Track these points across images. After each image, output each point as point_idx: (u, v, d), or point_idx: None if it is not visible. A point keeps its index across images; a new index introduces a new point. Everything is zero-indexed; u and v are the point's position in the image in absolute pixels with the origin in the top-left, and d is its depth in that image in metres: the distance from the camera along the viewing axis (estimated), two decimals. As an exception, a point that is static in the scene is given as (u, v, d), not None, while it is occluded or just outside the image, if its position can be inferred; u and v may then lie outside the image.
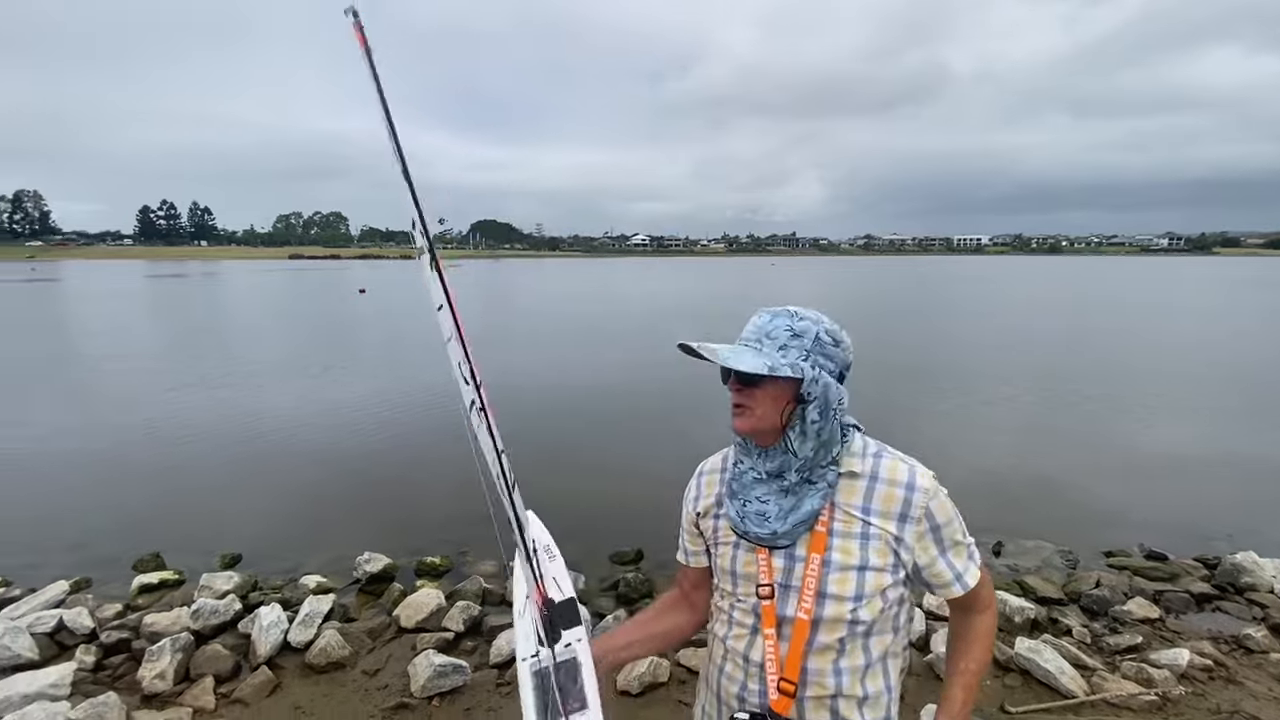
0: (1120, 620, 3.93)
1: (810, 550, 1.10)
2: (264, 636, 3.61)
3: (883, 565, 1.09)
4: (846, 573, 1.08)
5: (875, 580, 1.08)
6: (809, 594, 1.09)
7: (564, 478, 6.48)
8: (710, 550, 1.27)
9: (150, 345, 17.35)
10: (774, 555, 1.13)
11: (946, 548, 1.13)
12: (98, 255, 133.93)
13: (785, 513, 1.10)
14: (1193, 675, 3.30)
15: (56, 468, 7.08)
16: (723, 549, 1.22)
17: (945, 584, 1.14)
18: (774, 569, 1.13)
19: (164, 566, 4.77)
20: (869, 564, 1.08)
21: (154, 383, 11.60)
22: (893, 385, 11.18)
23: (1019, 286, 44.44)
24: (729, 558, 1.19)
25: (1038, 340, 17.23)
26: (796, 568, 1.11)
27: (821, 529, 1.10)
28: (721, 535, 1.22)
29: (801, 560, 1.11)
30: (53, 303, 32.49)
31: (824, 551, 1.10)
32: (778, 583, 1.12)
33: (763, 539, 1.12)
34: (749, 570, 1.16)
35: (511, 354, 14.41)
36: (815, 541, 1.10)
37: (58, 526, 5.52)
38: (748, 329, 1.13)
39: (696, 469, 1.34)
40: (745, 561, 1.16)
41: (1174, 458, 7.33)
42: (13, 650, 3.48)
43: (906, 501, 1.10)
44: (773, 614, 1.12)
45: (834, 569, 1.09)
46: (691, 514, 1.30)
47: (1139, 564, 4.74)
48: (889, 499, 1.10)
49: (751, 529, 1.13)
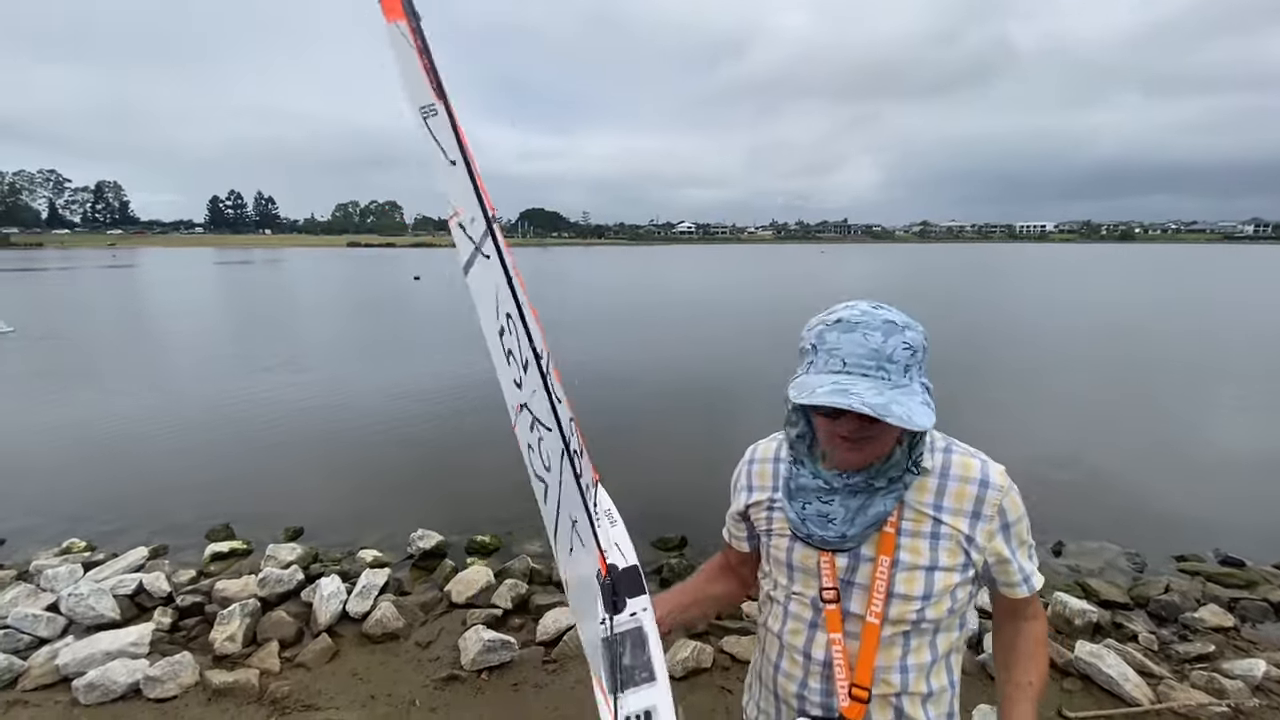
0: (1191, 628, 3.73)
1: (879, 551, 1.03)
2: (324, 606, 3.78)
3: (952, 565, 1.03)
4: (915, 572, 1.02)
5: (944, 580, 1.03)
6: (879, 597, 1.03)
7: (610, 461, 6.53)
8: (761, 539, 1.21)
9: (224, 328, 18.26)
10: (837, 554, 1.06)
11: (1016, 547, 1.06)
12: (172, 243, 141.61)
13: (852, 515, 1.03)
14: (1269, 687, 3.12)
15: (137, 442, 7.55)
16: (777, 539, 1.15)
17: (1013, 584, 1.08)
18: (837, 568, 1.06)
19: (233, 537, 5.04)
20: (939, 564, 1.03)
21: (226, 364, 12.23)
22: (954, 374, 10.83)
23: (1089, 275, 42.31)
24: (784, 549, 1.13)
25: (1108, 332, 16.39)
26: (863, 567, 1.05)
27: (890, 529, 1.03)
28: (776, 526, 1.16)
29: (869, 561, 1.04)
30: (132, 287, 34.51)
31: (893, 552, 1.03)
32: (842, 580, 1.06)
33: (829, 543, 1.04)
34: (808, 564, 1.10)
35: (569, 338, 14.59)
36: (884, 542, 1.03)
37: (138, 497, 5.90)
38: (852, 349, 0.95)
39: (747, 454, 1.26)
40: (803, 555, 1.10)
41: (1254, 459, 6.88)
42: (97, 610, 3.75)
43: (979, 499, 1.03)
44: (839, 616, 1.06)
45: (902, 569, 1.03)
46: (740, 505, 1.24)
47: (1213, 570, 4.48)
48: (961, 496, 1.03)
49: (815, 532, 1.05)
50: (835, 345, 0.96)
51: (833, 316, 1.00)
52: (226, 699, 3.13)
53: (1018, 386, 10.21)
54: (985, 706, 2.87)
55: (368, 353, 13.47)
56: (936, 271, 47.84)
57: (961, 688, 1.16)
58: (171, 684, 3.16)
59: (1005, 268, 54.95)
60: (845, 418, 0.97)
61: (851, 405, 0.90)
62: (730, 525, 1.30)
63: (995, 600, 1.15)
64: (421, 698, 3.17)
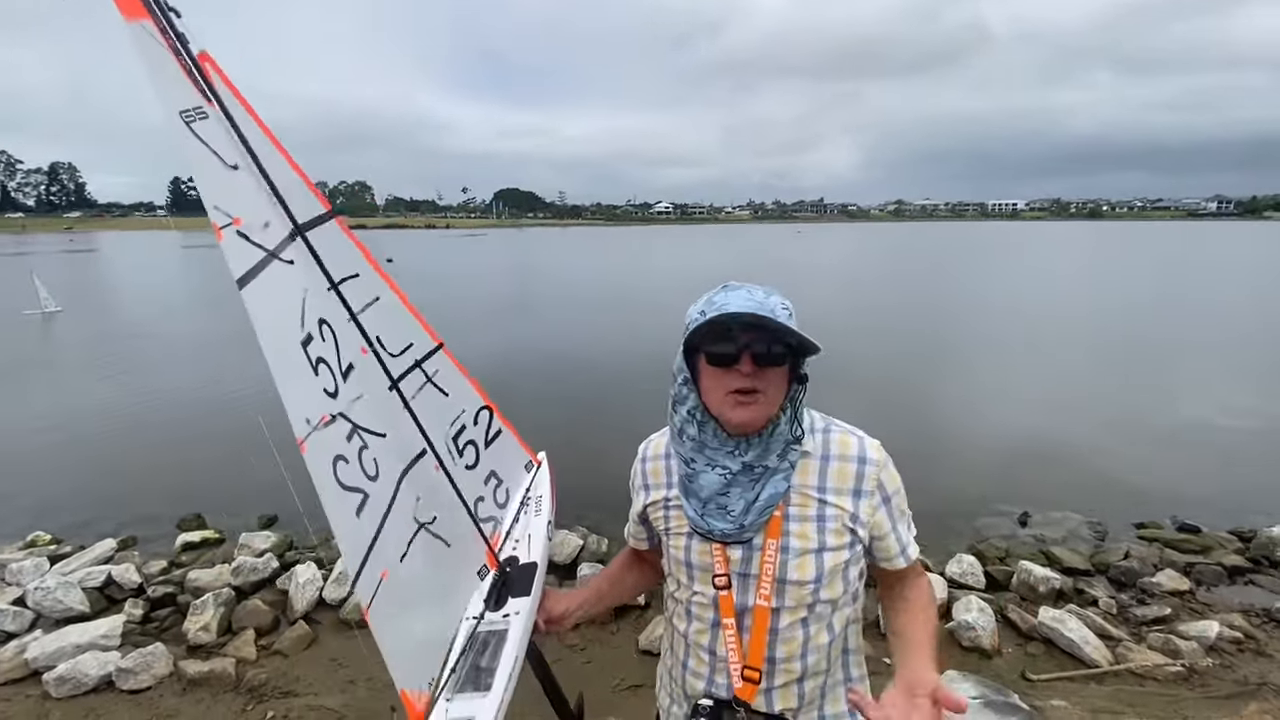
0: (1149, 592, 3.88)
1: (767, 537, 1.05)
2: (301, 593, 3.76)
3: (839, 545, 1.05)
4: (805, 557, 1.04)
5: (834, 560, 1.05)
6: (767, 581, 1.05)
7: (585, 442, 6.54)
8: (661, 538, 1.21)
9: (182, 313, 17.79)
10: (729, 546, 1.07)
11: (896, 519, 1.09)
12: (132, 226, 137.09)
13: (749, 503, 1.04)
14: (1221, 648, 3.26)
15: (102, 432, 7.38)
16: (675, 538, 1.15)
17: (891, 557, 1.10)
18: (729, 559, 1.07)
19: (205, 526, 4.97)
20: (827, 545, 1.04)
21: (186, 351, 11.94)
22: (919, 353, 11.02)
23: (1055, 254, 43.10)
24: (683, 548, 1.13)
25: (1071, 309, 16.76)
26: (754, 556, 1.06)
27: (777, 514, 1.05)
28: (674, 525, 1.15)
29: (759, 549, 1.06)
30: (92, 273, 33.40)
31: (780, 537, 1.05)
32: (735, 573, 1.07)
33: (729, 535, 1.05)
34: (704, 560, 1.10)
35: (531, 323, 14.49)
36: (771, 528, 1.05)
37: (103, 488, 5.78)
38: (741, 302, 0.99)
39: (639, 451, 1.26)
40: (700, 551, 1.10)
41: (1211, 429, 7.13)
42: (65, 603, 3.68)
43: (859, 475, 1.06)
44: (731, 604, 1.07)
45: (793, 555, 1.04)
46: (639, 506, 1.24)
47: (1170, 536, 4.66)
48: (843, 475, 1.06)
49: (715, 526, 1.06)
50: (725, 301, 1.00)
51: (717, 288, 1.05)
52: (202, 688, 3.10)
53: (988, 363, 10.42)
54: (953, 672, 2.96)
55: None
56: (908, 254, 48.35)
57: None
58: (145, 675, 3.13)
59: (976, 247, 55.74)
60: (740, 363, 0.99)
61: (760, 310, 0.96)
62: (631, 526, 1.30)
63: (877, 573, 1.15)
64: (401, 681, 3.18)
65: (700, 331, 1.00)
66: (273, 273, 0.92)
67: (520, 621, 1.20)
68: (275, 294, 0.92)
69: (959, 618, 3.42)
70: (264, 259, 0.90)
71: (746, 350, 0.99)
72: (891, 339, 12.46)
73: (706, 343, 1.01)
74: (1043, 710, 2.78)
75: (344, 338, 1.03)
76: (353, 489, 0.99)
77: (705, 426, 1.06)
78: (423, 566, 1.13)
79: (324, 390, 0.97)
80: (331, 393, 0.98)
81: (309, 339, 0.96)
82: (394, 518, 1.07)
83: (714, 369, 1.02)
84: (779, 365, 1.00)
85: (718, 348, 1.00)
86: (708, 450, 1.06)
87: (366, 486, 1.01)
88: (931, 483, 5.47)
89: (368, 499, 1.01)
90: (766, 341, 0.98)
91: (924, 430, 7.06)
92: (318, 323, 0.98)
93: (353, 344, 1.05)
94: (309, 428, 0.92)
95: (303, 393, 0.93)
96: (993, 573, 4.03)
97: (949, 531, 4.77)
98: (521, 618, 1.21)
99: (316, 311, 0.98)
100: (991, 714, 2.69)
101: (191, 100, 0.83)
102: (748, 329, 0.98)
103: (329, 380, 0.98)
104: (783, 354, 0.99)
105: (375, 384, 1.09)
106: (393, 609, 1.02)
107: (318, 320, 0.98)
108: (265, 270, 0.91)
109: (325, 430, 0.95)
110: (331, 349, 1.00)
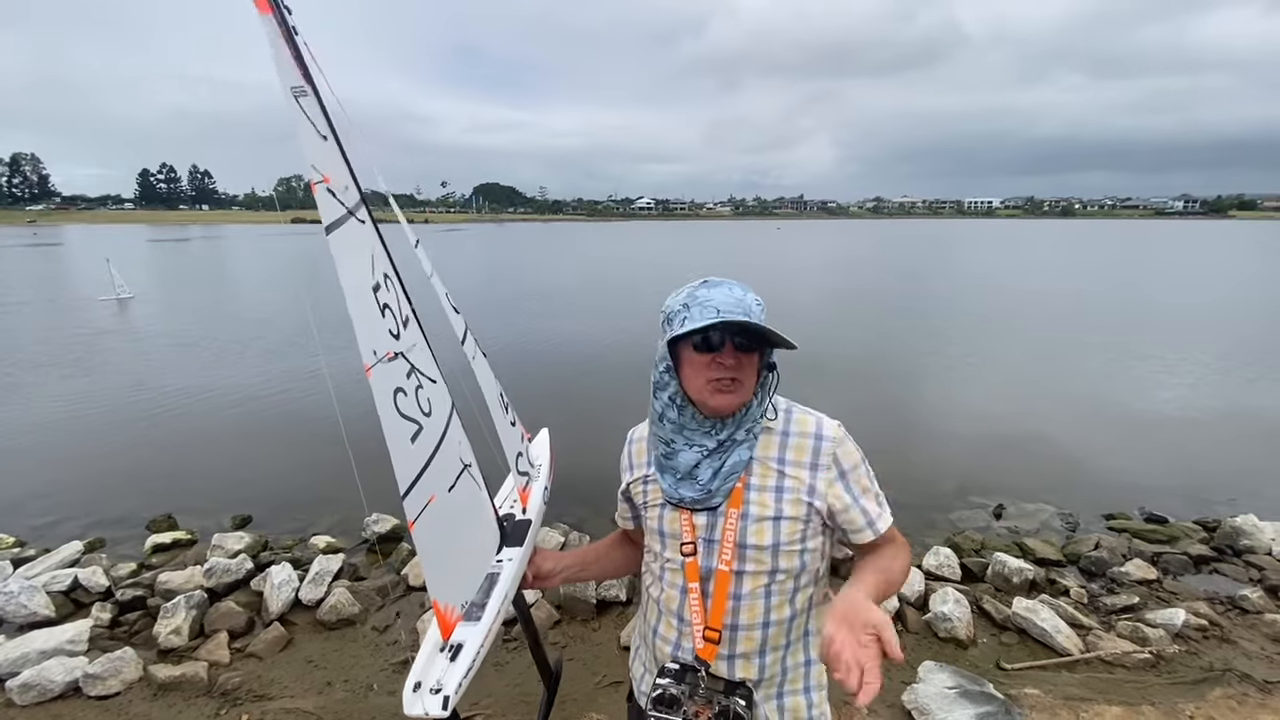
0: (1118, 581, 3.97)
1: (729, 506, 1.15)
2: (275, 594, 3.69)
3: (796, 515, 1.13)
4: (763, 524, 1.13)
5: (790, 529, 1.13)
6: (729, 546, 1.14)
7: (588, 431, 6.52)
8: (640, 512, 1.31)
9: (150, 310, 17.37)
10: (695, 513, 1.17)
11: (858, 494, 1.16)
12: (99, 220, 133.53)
13: (715, 471, 1.14)
14: (1187, 635, 3.35)
15: (66, 432, 7.18)
16: (651, 510, 1.25)
17: (858, 530, 1.16)
18: (696, 526, 1.17)
19: (176, 527, 4.85)
20: (784, 514, 1.13)
21: (165, 347, 11.66)
22: (896, 347, 11.15)
23: (1026, 251, 43.88)
24: (657, 518, 1.23)
25: (1041, 305, 17.08)
26: (718, 523, 1.15)
27: (740, 484, 1.15)
28: (650, 498, 1.26)
29: (722, 515, 1.15)
30: (58, 267, 32.47)
31: (741, 505, 1.14)
32: (701, 538, 1.16)
33: (698, 502, 1.15)
34: (674, 528, 1.20)
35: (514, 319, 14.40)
36: (734, 497, 1.15)
37: (69, 489, 5.61)
38: (724, 299, 1.09)
39: (628, 436, 1.37)
40: (671, 520, 1.20)
41: (1178, 421, 7.33)
42: (29, 608, 3.58)
43: (816, 450, 1.15)
44: (696, 569, 1.16)
45: (752, 521, 1.13)
46: (623, 484, 1.34)
47: (1139, 526, 4.78)
48: (800, 449, 1.16)
49: (686, 495, 1.16)
50: (708, 298, 1.10)
51: (697, 282, 1.15)
52: (174, 693, 3.04)
53: (962, 356, 10.57)
54: (929, 663, 3.01)
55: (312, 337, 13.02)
56: (886, 249, 48.87)
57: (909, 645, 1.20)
58: (114, 680, 3.05)
59: (952, 243, 56.51)
60: (722, 352, 1.10)
61: (741, 309, 1.07)
62: (619, 505, 1.41)
63: (854, 550, 1.21)
64: (379, 681, 3.14)
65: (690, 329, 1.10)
66: (351, 226, 1.09)
67: (512, 568, 1.38)
68: (352, 244, 1.09)
69: (935, 609, 3.47)
70: (344, 215, 1.08)
71: (729, 342, 1.10)
72: (868, 333, 12.60)
73: (694, 335, 1.10)
74: (1017, 699, 2.83)
75: (398, 292, 1.21)
76: (409, 419, 1.12)
77: (685, 411, 1.17)
78: (466, 500, 1.30)
79: (389, 331, 1.12)
80: (394, 334, 1.14)
81: (377, 286, 1.12)
82: (444, 451, 1.21)
83: (696, 357, 1.13)
84: (753, 354, 1.12)
85: (705, 339, 1.11)
86: (686, 431, 1.17)
87: (421, 420, 1.15)
88: (909, 476, 5.55)
89: (421, 430, 1.15)
90: (747, 335, 1.10)
91: (901, 424, 7.16)
92: (383, 275, 1.15)
93: (403, 299, 1.22)
94: (375, 358, 1.06)
95: (371, 329, 1.07)
96: (968, 564, 4.10)
97: (926, 524, 4.85)
98: (514, 564, 1.39)
99: (382, 266, 1.16)
100: (967, 703, 2.73)
101: (297, 80, 1.03)
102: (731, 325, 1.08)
103: (393, 324, 1.14)
104: (759, 343, 1.11)
105: (419, 337, 1.25)
106: (439, 528, 1.17)
107: (383, 274, 1.15)
108: (345, 224, 1.07)
109: (389, 364, 1.09)
110: (394, 299, 1.17)
